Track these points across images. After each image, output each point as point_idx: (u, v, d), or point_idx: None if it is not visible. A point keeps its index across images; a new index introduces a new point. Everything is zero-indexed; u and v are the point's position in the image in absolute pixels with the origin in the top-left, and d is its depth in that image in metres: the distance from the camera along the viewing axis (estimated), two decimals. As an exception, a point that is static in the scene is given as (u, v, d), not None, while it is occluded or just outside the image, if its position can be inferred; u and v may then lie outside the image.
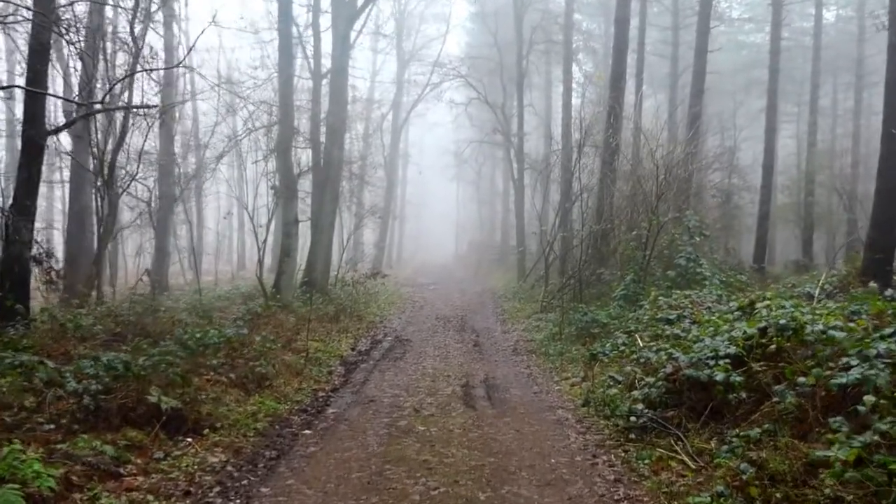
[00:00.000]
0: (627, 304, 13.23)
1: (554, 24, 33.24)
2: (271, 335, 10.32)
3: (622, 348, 9.52)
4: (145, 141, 13.42)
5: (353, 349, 12.69)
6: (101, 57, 12.38)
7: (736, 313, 7.74)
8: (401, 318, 18.18)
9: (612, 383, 7.83)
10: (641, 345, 8.92)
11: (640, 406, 6.34)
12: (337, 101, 21.36)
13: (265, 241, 16.51)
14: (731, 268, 17.29)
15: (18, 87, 12.46)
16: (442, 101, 40.44)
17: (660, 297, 11.21)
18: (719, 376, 5.73)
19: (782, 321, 5.86)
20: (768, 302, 7.22)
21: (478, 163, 47.49)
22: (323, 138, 22.11)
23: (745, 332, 6.21)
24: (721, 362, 5.95)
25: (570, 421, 7.15)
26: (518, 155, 30.43)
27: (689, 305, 10.27)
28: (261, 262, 16.20)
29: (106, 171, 12.87)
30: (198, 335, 8.46)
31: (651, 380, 6.66)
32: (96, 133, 13.01)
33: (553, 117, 38.68)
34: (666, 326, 9.43)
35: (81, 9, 13.37)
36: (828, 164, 31.70)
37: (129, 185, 13.43)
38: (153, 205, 24.26)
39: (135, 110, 13.82)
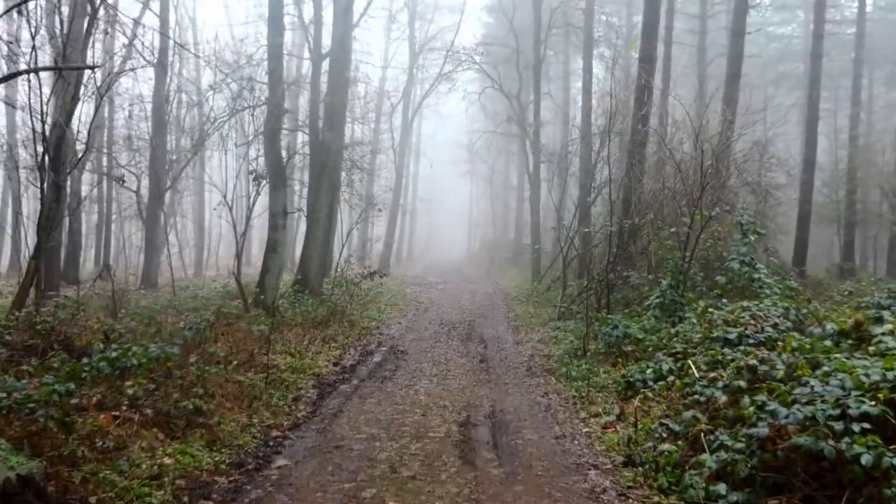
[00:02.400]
0: (663, 315, 11.09)
1: (576, 9, 30.99)
2: (223, 351, 8.28)
3: (669, 377, 7.37)
4: (97, 112, 11.34)
5: (335, 364, 10.61)
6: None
7: (838, 341, 5.58)
8: (400, 324, 16.14)
9: (664, 433, 5.69)
10: (697, 375, 6.79)
11: (720, 486, 4.21)
12: (336, 81, 19.36)
13: (244, 233, 14.47)
14: (775, 272, 15.06)
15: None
16: (455, 90, 38.57)
17: (710, 310, 9.05)
18: (864, 457, 3.59)
19: (954, 365, 3.72)
20: (890, 325, 5.06)
21: (491, 157, 45.54)
22: (322, 123, 20.19)
23: (885, 378, 4.06)
24: (856, 427, 3.81)
25: (611, 494, 5.00)
26: (534, 146, 28.23)
27: (752, 321, 8.10)
28: (238, 257, 14.16)
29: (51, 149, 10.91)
30: (114, 354, 6.43)
31: (733, 442, 4.51)
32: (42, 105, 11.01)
33: (572, 106, 36.54)
34: (726, 350, 7.29)
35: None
36: (870, 159, 29.47)
37: (76, 167, 11.33)
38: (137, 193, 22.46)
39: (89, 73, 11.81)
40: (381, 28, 42.11)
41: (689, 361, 7.12)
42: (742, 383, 5.61)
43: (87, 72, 11.43)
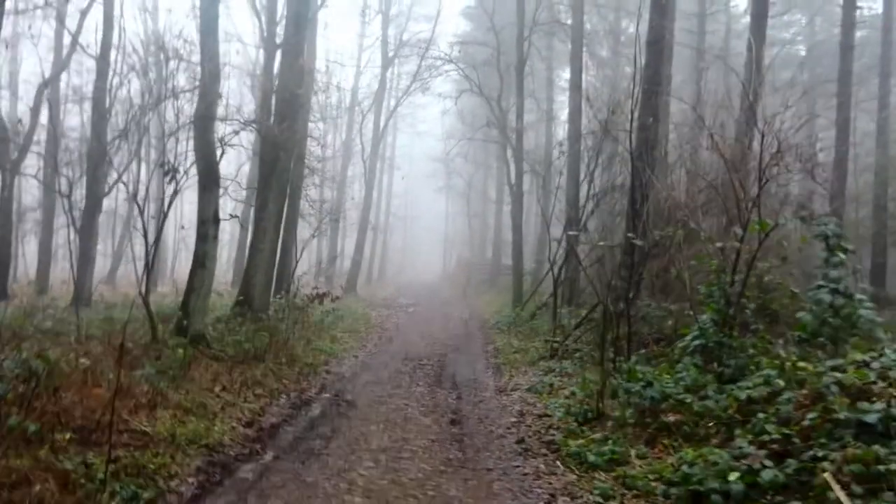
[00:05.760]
0: (704, 362, 8.08)
1: (563, 3, 28.35)
2: (58, 414, 5.05)
3: (774, 493, 4.29)
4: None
5: (249, 424, 7.40)
6: None
7: None
8: (356, 358, 13.05)
9: None
10: (845, 502, 3.74)
11: None
12: (290, 67, 16.32)
13: (155, 242, 11.20)
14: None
15: None
16: (430, 102, 36.00)
17: (801, 364, 6.02)
18: None
19: None
20: None
21: (468, 170, 42.76)
22: (273, 118, 17.13)
23: None
24: None
25: None
26: (516, 153, 25.24)
27: (890, 389, 5.09)
28: (148, 271, 10.85)
29: None
30: None
31: None
32: None
33: (555, 119, 34.03)
34: (883, 450, 4.25)
35: None
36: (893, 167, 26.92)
37: None
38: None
39: None
40: (353, 35, 39.65)
41: (826, 476, 4.03)
42: None
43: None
